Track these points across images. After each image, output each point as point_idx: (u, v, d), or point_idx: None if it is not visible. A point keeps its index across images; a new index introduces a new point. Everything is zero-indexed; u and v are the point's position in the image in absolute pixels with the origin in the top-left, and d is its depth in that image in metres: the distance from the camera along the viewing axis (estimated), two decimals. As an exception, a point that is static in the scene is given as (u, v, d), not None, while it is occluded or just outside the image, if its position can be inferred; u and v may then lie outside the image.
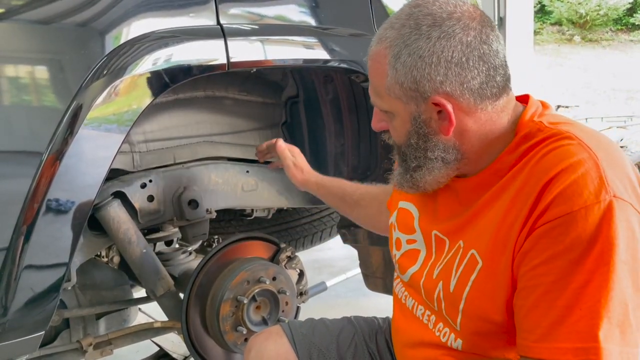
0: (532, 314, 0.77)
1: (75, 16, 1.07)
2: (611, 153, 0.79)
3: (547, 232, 0.76)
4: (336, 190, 1.34)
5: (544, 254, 0.76)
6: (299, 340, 1.13)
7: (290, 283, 1.55)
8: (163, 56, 1.14)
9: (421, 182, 0.91)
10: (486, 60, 0.82)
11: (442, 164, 0.87)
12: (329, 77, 1.64)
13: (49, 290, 1.10)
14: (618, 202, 0.74)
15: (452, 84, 0.81)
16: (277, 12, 1.37)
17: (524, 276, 0.79)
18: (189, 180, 1.55)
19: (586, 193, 0.74)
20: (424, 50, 0.81)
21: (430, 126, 0.85)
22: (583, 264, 0.73)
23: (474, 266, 0.85)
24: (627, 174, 0.78)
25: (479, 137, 0.86)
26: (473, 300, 0.85)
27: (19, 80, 1.04)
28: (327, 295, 2.55)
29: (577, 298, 0.73)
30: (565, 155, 0.78)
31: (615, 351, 0.72)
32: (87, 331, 1.52)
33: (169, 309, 1.53)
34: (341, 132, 1.71)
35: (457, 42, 0.81)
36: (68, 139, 1.04)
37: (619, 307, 0.73)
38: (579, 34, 16.42)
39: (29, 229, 1.03)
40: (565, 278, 0.74)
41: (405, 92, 0.84)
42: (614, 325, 0.72)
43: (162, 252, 1.81)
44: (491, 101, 0.84)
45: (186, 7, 1.21)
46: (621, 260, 0.73)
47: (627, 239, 0.73)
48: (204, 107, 1.60)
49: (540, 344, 0.76)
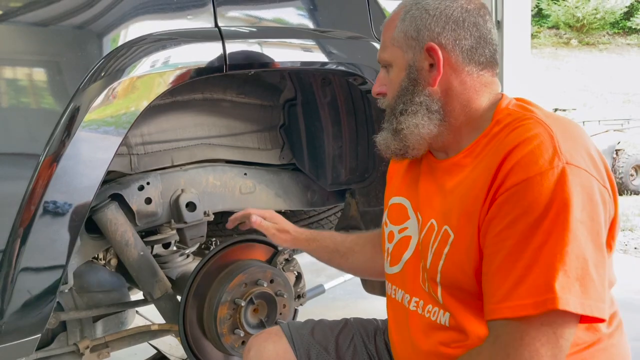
0: (495, 277, 0.82)
1: (73, 18, 1.07)
2: (569, 130, 0.86)
3: (506, 199, 0.82)
4: (328, 242, 1.29)
5: (505, 220, 0.81)
6: (298, 340, 1.13)
7: (288, 286, 1.55)
8: (161, 58, 1.14)
9: (404, 126, 0.96)
10: (479, 29, 0.95)
11: (426, 111, 0.95)
12: (326, 79, 1.64)
13: (45, 292, 1.09)
14: (571, 168, 0.79)
15: (447, 38, 0.93)
16: (275, 15, 1.37)
17: (488, 243, 0.84)
18: (186, 182, 1.55)
19: (541, 161, 0.80)
20: (430, 5, 0.95)
21: (421, 74, 0.95)
22: (540, 225, 0.78)
23: (447, 240, 0.91)
24: (586, 148, 0.84)
25: (461, 102, 0.95)
26: (447, 272, 0.91)
27: (17, 82, 1.04)
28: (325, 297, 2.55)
29: (536, 257, 0.78)
30: (523, 131, 0.85)
31: (574, 301, 0.76)
32: (84, 334, 1.51)
33: (167, 311, 1.53)
34: (339, 134, 1.71)
35: (459, 6, 0.95)
36: (65, 141, 1.04)
37: (575, 261, 0.77)
38: (576, 38, 16.48)
39: (26, 231, 1.03)
40: (525, 240, 0.79)
41: (407, 40, 0.96)
42: (572, 279, 0.77)
43: (159, 254, 1.81)
44: (477, 68, 0.95)
45: (184, 9, 1.21)
46: (577, 219, 0.78)
47: (582, 201, 0.78)
48: (202, 109, 1.60)
49: (502, 304, 0.80)
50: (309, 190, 1.82)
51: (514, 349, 0.79)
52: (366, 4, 1.49)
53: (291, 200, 1.78)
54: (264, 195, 1.71)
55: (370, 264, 1.26)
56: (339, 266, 1.30)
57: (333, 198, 1.87)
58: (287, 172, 1.79)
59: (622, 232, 5.12)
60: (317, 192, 1.83)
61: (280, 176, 1.77)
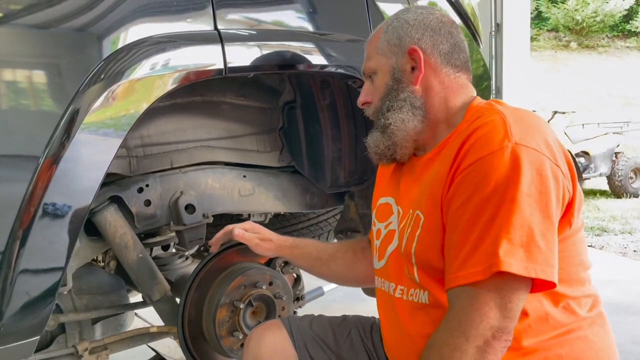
0: (452, 250, 0.90)
1: (72, 21, 1.08)
2: (524, 119, 0.93)
3: (463, 178, 0.90)
4: (310, 249, 1.31)
5: (461, 197, 0.90)
6: (297, 332, 1.18)
7: (286, 288, 1.55)
8: (160, 61, 1.15)
9: (391, 121, 1.05)
10: (454, 37, 1.07)
11: (410, 107, 1.05)
12: (326, 82, 1.64)
13: (44, 294, 1.10)
14: (520, 147, 0.86)
15: (426, 42, 1.05)
16: (274, 18, 1.38)
17: (449, 220, 0.92)
18: (185, 184, 1.55)
19: (493, 142, 0.88)
20: (409, 18, 1.08)
21: (404, 75, 1.06)
22: (491, 200, 0.86)
23: (418, 223, 0.99)
24: (541, 133, 0.91)
25: (439, 100, 1.05)
26: (420, 252, 0.99)
27: (16, 84, 1.04)
28: (324, 300, 2.55)
29: (487, 229, 0.86)
30: (480, 121, 0.94)
31: (517, 265, 0.84)
32: (83, 336, 1.51)
33: (165, 313, 1.53)
34: (338, 137, 1.71)
35: (435, 17, 1.08)
36: (65, 143, 1.04)
37: (520, 230, 0.84)
38: (576, 40, 16.49)
39: (25, 233, 1.03)
40: (478, 214, 0.87)
41: (390, 47, 1.07)
42: (516, 246, 0.84)
43: (158, 256, 1.81)
44: (453, 70, 1.06)
45: (184, 12, 1.21)
46: (524, 193, 0.85)
47: (530, 177, 0.86)
48: (201, 111, 1.61)
49: (457, 273, 0.88)
50: (308, 193, 1.82)
51: (465, 314, 0.86)
52: (365, 7, 1.49)
53: (290, 203, 1.78)
54: (263, 197, 1.71)
55: (351, 271, 1.30)
56: (320, 274, 1.33)
57: (332, 200, 1.87)
58: (286, 175, 1.79)
59: (622, 234, 5.12)
60: (316, 194, 1.83)
61: (280, 179, 1.77)
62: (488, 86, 2.03)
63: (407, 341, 1.02)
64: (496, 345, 0.85)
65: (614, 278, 3.65)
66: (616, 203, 6.82)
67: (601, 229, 5.32)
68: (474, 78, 1.92)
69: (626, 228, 5.36)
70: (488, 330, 0.84)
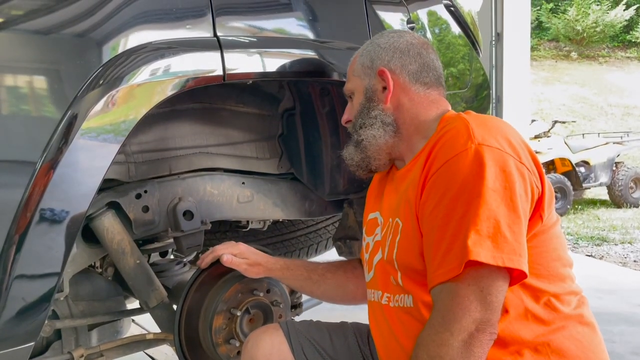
0: (430, 251, 0.94)
1: (71, 26, 1.08)
2: (487, 122, 0.98)
3: (433, 182, 0.95)
4: (301, 271, 1.34)
5: (433, 200, 0.94)
6: (294, 335, 1.20)
7: (284, 295, 1.54)
8: (159, 67, 1.15)
9: (364, 137, 1.13)
10: (422, 57, 1.15)
11: (382, 124, 1.12)
12: (325, 89, 1.64)
13: (40, 300, 1.09)
14: (483, 148, 0.92)
15: (395, 63, 1.14)
16: (274, 25, 1.38)
17: (424, 224, 0.96)
18: (184, 191, 1.55)
19: (457, 145, 0.94)
20: (381, 42, 1.18)
21: (376, 95, 1.14)
22: (459, 198, 0.91)
23: (397, 229, 1.04)
24: (503, 134, 0.96)
25: (410, 116, 1.12)
26: (401, 257, 1.03)
27: (14, 88, 1.04)
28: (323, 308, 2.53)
29: (459, 225, 0.90)
30: (446, 127, 1.00)
31: (485, 254, 0.87)
32: (79, 342, 1.50)
33: (162, 320, 1.52)
34: (337, 144, 1.71)
35: (404, 40, 1.17)
36: (62, 148, 1.04)
37: (487, 222, 0.88)
38: (576, 51, 16.53)
39: (21, 238, 1.03)
40: (449, 214, 0.91)
41: (363, 69, 1.17)
42: (483, 237, 0.88)
43: (156, 263, 1.80)
44: (423, 87, 1.13)
45: (183, 18, 1.21)
46: (489, 188, 0.89)
47: (494, 173, 0.90)
48: (200, 118, 1.60)
49: (437, 272, 0.92)
50: (307, 200, 1.82)
51: (448, 310, 0.89)
52: (365, 15, 1.50)
53: (289, 210, 1.78)
54: (261, 204, 1.71)
55: (342, 290, 1.33)
56: (311, 293, 1.37)
57: (331, 208, 1.87)
58: (285, 182, 1.79)
59: (622, 244, 5.11)
60: (315, 201, 1.83)
61: (278, 185, 1.77)
62: (488, 95, 2.03)
63: (397, 348, 1.03)
64: (481, 338, 0.87)
65: (614, 288, 3.64)
66: (616, 213, 6.81)
67: (601, 239, 5.31)
68: (474, 87, 1.93)
69: (626, 238, 5.35)
70: (472, 324, 0.87)
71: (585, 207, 7.22)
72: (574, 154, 6.96)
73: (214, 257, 1.35)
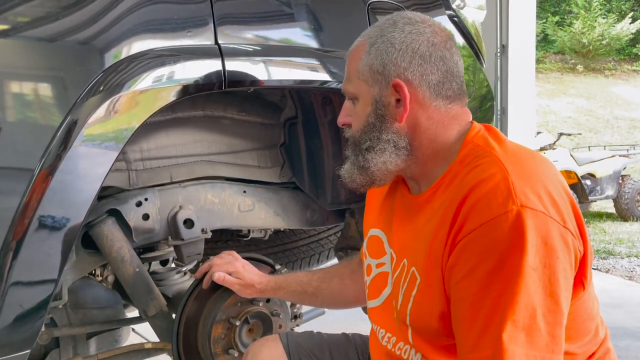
0: (462, 326, 0.83)
1: (72, 33, 1.08)
2: (527, 168, 0.85)
3: (464, 246, 0.82)
4: (295, 287, 1.31)
5: (466, 267, 0.82)
6: (294, 348, 1.17)
7: (284, 305, 1.53)
8: (160, 74, 1.15)
9: (372, 164, 0.95)
10: (446, 62, 0.93)
11: (394, 148, 0.94)
12: (327, 98, 1.64)
13: (36, 307, 1.08)
14: (526, 211, 0.79)
15: (413, 73, 0.92)
16: (275, 34, 1.38)
17: (452, 290, 0.85)
18: (185, 199, 1.54)
19: (494, 205, 0.80)
20: (396, 39, 0.93)
21: (388, 110, 0.93)
22: (497, 273, 0.79)
23: (414, 282, 0.92)
24: (544, 186, 0.83)
25: (428, 137, 0.94)
26: (416, 314, 0.92)
27: (14, 95, 1.04)
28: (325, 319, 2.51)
29: (495, 306, 0.79)
30: (479, 172, 0.85)
31: (519, 352, 0.77)
32: (77, 351, 1.49)
33: (161, 329, 1.51)
34: (339, 153, 1.70)
35: (425, 39, 0.93)
36: (61, 155, 1.04)
37: (524, 311, 0.78)
38: (582, 63, 16.54)
39: (18, 245, 1.02)
40: (485, 289, 0.80)
41: (372, 74, 0.94)
42: (518, 329, 0.77)
43: (156, 271, 1.79)
44: (445, 102, 0.94)
45: (185, 26, 1.21)
46: (529, 265, 0.78)
47: (535, 246, 0.78)
48: (202, 126, 1.60)
49: (470, 355, 0.81)
50: (308, 209, 1.81)
51: None
52: (367, 24, 1.49)
53: (290, 219, 1.77)
54: (262, 213, 1.70)
55: (339, 297, 1.28)
56: (310, 304, 1.34)
57: (333, 217, 1.86)
58: (286, 191, 1.78)
59: (628, 258, 5.06)
60: (316, 211, 1.82)
61: (280, 194, 1.76)
62: (491, 107, 2.02)
63: None
64: None
65: (620, 302, 3.60)
66: (623, 226, 6.76)
67: (607, 252, 5.26)
68: (478, 98, 1.93)
69: (633, 251, 5.30)
70: None
71: (591, 220, 7.17)
72: (579, 167, 6.93)
73: (210, 273, 1.34)
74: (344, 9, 1.53)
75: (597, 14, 16.55)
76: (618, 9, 17.50)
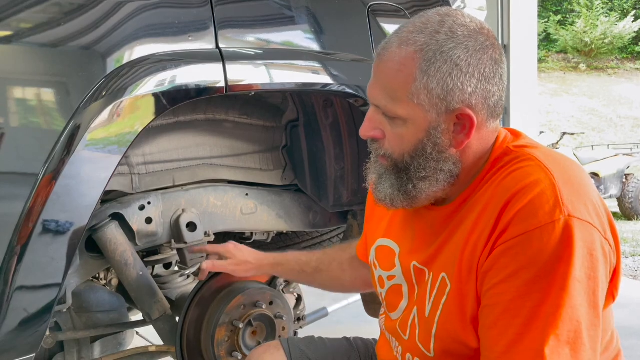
0: (492, 332, 0.79)
1: (75, 39, 1.09)
2: (572, 175, 0.81)
3: (505, 251, 0.78)
4: (293, 265, 1.31)
5: (502, 273, 0.78)
6: (295, 354, 1.15)
7: (287, 308, 1.53)
8: (162, 78, 1.16)
9: (423, 194, 0.88)
10: (503, 79, 0.86)
11: (449, 177, 0.87)
12: (328, 101, 1.65)
13: (41, 311, 1.09)
14: (573, 221, 0.75)
15: (477, 98, 0.82)
16: (276, 37, 1.39)
17: (485, 295, 0.81)
18: (187, 202, 1.55)
19: (541, 213, 0.76)
20: (461, 59, 0.80)
21: (445, 136, 0.84)
22: (539, 283, 0.75)
23: (444, 289, 0.87)
24: (589, 195, 0.80)
25: (474, 155, 0.87)
26: (445, 324, 0.87)
27: (17, 100, 1.05)
28: (328, 321, 2.51)
29: (533, 317, 0.75)
30: (523, 176, 0.80)
31: None
32: (81, 354, 1.50)
33: (165, 332, 1.51)
34: (341, 156, 1.71)
35: (488, 57, 0.83)
36: (65, 159, 1.05)
37: (569, 324, 0.74)
38: (585, 62, 16.50)
39: (23, 249, 1.03)
40: (523, 297, 0.76)
41: (431, 99, 0.82)
42: (562, 343, 0.74)
43: (159, 275, 1.80)
44: (494, 120, 0.87)
45: (186, 31, 1.22)
46: (575, 278, 0.75)
47: (582, 258, 0.75)
48: (204, 129, 1.61)
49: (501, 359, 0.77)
50: (311, 212, 1.81)
51: None
52: (367, 27, 1.50)
53: (293, 222, 1.77)
54: (265, 216, 1.71)
55: (337, 281, 1.29)
56: (307, 284, 1.33)
57: (335, 219, 1.86)
58: (289, 193, 1.78)
59: (632, 257, 5.05)
60: (319, 213, 1.82)
61: (282, 197, 1.76)
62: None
63: None
64: None
65: (624, 302, 3.57)
66: (627, 225, 6.74)
67: (612, 252, 5.24)
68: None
69: (637, 251, 5.28)
70: None
71: (595, 220, 7.14)
72: (583, 166, 6.89)
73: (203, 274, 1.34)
74: (344, 12, 1.54)
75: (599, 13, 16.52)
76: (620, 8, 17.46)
